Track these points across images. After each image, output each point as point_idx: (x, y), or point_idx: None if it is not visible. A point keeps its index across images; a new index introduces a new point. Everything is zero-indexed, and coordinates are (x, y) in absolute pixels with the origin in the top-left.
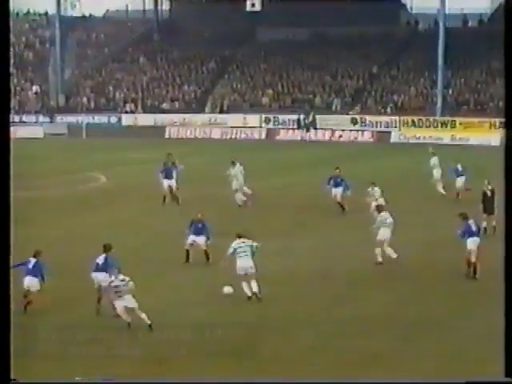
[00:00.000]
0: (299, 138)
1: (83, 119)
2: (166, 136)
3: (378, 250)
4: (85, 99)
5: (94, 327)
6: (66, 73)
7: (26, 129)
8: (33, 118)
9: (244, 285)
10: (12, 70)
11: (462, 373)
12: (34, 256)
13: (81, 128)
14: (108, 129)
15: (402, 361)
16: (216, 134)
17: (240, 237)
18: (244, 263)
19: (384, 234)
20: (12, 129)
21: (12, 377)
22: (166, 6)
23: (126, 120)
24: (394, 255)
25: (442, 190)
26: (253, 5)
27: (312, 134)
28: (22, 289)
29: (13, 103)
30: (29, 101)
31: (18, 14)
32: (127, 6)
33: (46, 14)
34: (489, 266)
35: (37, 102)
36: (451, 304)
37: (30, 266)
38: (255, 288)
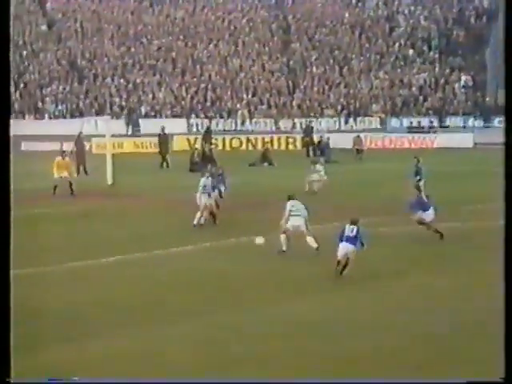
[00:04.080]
0: None
1: None
2: None
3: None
4: None
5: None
6: None
7: (446, 136)
8: (459, 122)
9: (282, 238)
10: (434, 56)
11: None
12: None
13: None
14: None
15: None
16: None
17: (292, 199)
18: (296, 221)
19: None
20: (430, 136)
21: (12, 377)
22: None
23: None
24: None
25: None
26: None
27: None
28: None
29: (432, 103)
30: (454, 97)
31: None
32: None
33: None
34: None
35: (466, 99)
36: None
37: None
38: (312, 243)
